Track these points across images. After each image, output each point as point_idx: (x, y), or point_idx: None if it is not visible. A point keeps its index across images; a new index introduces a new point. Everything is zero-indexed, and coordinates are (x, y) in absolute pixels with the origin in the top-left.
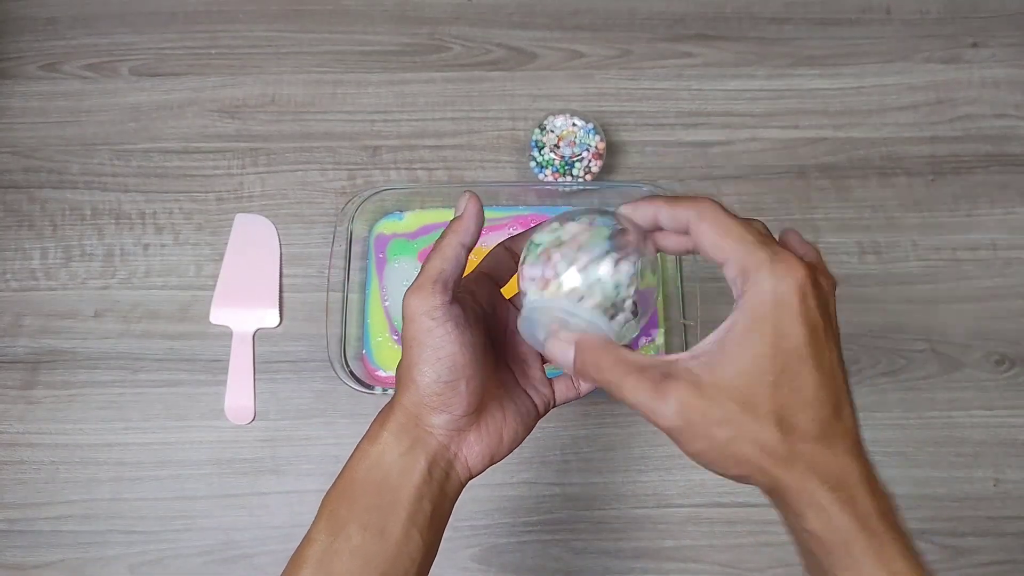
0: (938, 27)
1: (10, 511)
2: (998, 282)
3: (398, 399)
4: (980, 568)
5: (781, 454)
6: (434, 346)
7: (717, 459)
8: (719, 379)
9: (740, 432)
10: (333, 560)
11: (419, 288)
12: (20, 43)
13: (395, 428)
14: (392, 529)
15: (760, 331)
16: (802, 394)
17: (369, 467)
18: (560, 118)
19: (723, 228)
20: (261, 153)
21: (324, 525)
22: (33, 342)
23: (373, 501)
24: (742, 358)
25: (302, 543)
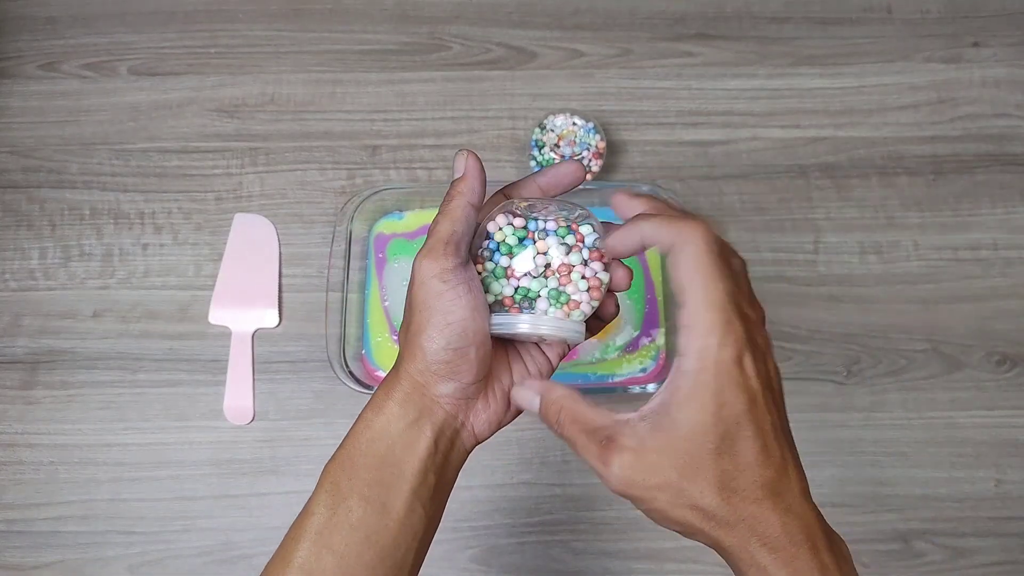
0: (939, 27)
1: (9, 511)
2: (999, 282)
3: (403, 367)
4: (981, 569)
5: (721, 517)
6: (444, 311)
7: (661, 520)
8: (662, 444)
9: (680, 498)
10: (333, 534)
11: (430, 251)
12: (19, 42)
13: (400, 398)
14: (395, 503)
15: (702, 398)
16: (743, 458)
17: (372, 438)
18: (560, 117)
19: (696, 269)
20: (260, 153)
21: (324, 497)
22: (32, 342)
23: (376, 475)
24: (685, 424)
25: (301, 515)
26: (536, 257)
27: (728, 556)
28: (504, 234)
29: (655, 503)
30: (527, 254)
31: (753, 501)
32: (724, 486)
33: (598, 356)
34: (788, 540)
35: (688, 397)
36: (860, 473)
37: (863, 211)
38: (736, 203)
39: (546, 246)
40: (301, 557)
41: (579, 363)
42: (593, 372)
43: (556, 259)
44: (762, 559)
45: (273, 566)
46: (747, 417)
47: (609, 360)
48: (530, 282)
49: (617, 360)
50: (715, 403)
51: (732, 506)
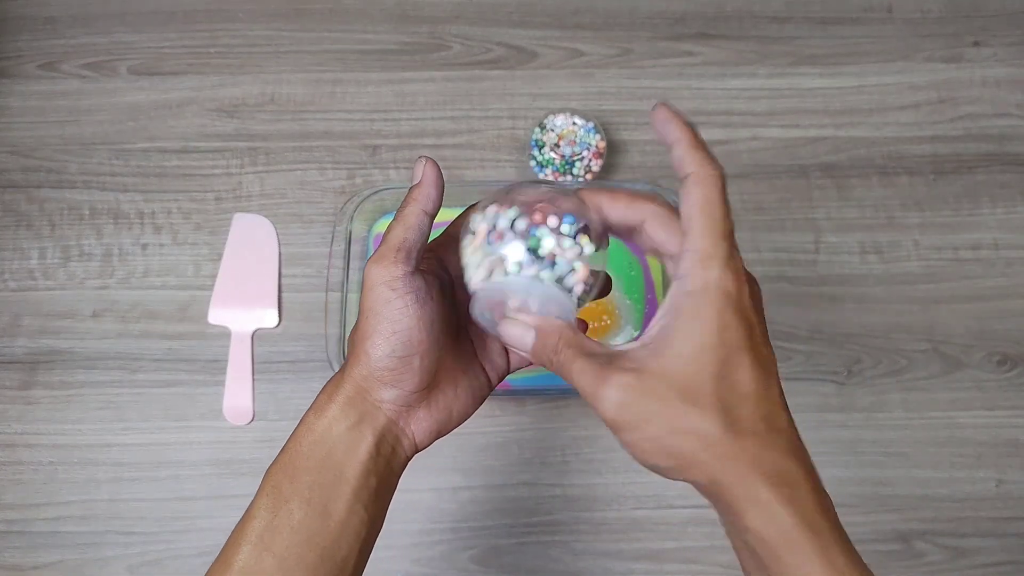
0: (939, 26)
1: (8, 512)
2: (1000, 282)
3: (348, 371)
4: (982, 569)
5: (722, 448)
6: (391, 319)
7: (652, 451)
8: (662, 367)
9: (679, 422)
10: (274, 537)
11: (380, 257)
12: (19, 42)
13: (343, 401)
14: (336, 505)
15: (704, 319)
16: (742, 388)
17: (314, 441)
18: (560, 117)
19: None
20: (260, 152)
21: (266, 501)
22: (31, 342)
23: (317, 477)
24: (686, 345)
25: (243, 519)
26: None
27: (723, 493)
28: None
29: (649, 429)
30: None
31: (753, 433)
32: (726, 414)
33: None
34: (789, 477)
35: (690, 317)
36: (860, 473)
37: (863, 211)
38: (736, 203)
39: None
40: (242, 560)
41: None
42: None
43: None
44: (763, 495)
45: (214, 570)
46: (746, 345)
47: None
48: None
49: None
50: (717, 325)
51: (734, 435)
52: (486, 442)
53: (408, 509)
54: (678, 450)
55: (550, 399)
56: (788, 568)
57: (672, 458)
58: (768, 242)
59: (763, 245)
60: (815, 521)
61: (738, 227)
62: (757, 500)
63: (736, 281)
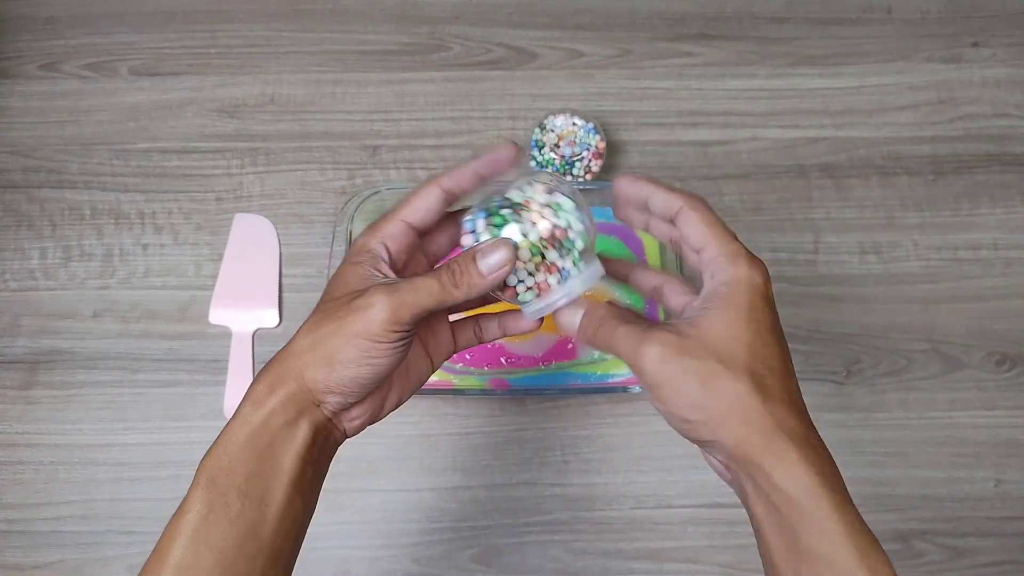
0: (939, 27)
1: (9, 511)
2: (999, 282)
3: (295, 367)
4: (981, 569)
5: (752, 408)
6: (372, 356)
7: (686, 405)
8: (700, 334)
9: (714, 382)
10: (211, 530)
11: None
12: (19, 43)
13: (284, 396)
14: (274, 495)
15: (737, 303)
16: (771, 362)
17: (252, 433)
18: (560, 117)
19: (710, 221)
20: (260, 153)
21: (201, 494)
22: (32, 342)
23: (254, 468)
24: (721, 321)
25: (177, 512)
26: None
27: (750, 452)
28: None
29: (685, 384)
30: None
31: (780, 400)
32: (756, 380)
33: (598, 356)
34: (810, 440)
35: (724, 302)
36: (859, 473)
37: (863, 211)
38: (736, 203)
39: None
40: (177, 555)
41: (579, 363)
42: (593, 372)
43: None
44: (789, 454)
45: (150, 566)
46: (772, 327)
47: (609, 360)
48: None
49: (617, 360)
50: (748, 311)
51: (762, 398)
52: (486, 442)
53: (408, 509)
54: (710, 406)
55: (550, 399)
56: (811, 522)
57: (703, 412)
58: (767, 242)
59: (762, 245)
60: (833, 481)
61: (738, 227)
62: (783, 457)
63: (763, 274)
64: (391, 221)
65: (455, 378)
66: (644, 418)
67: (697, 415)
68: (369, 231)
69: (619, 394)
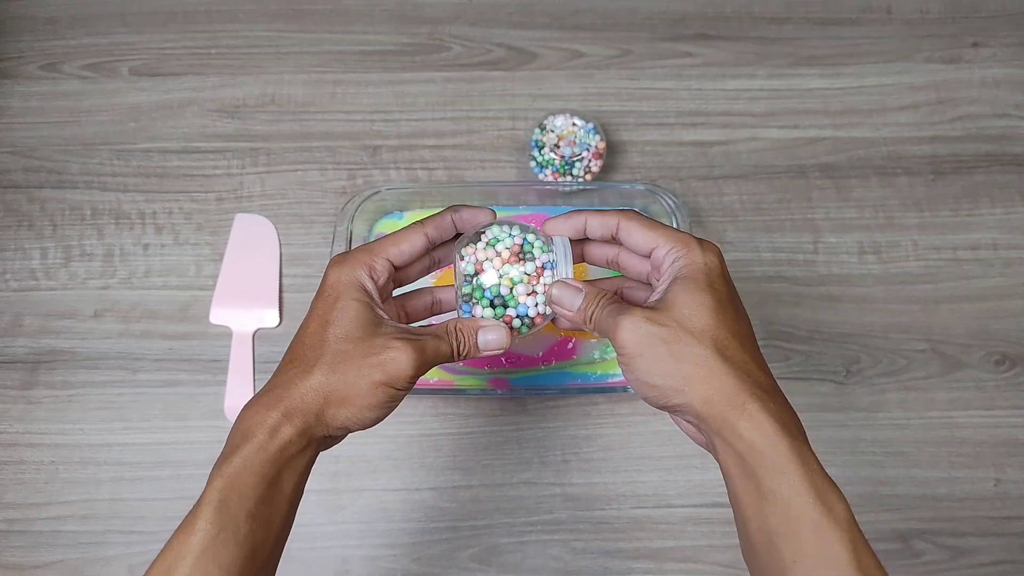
0: (939, 27)
1: (9, 511)
2: (999, 282)
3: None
4: (981, 568)
5: (717, 370)
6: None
7: (656, 372)
8: (666, 307)
9: (682, 349)
10: (220, 551)
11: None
12: (20, 43)
13: (300, 428)
14: (278, 516)
15: (696, 280)
16: (732, 328)
17: (266, 461)
18: (560, 118)
19: (650, 224)
20: (261, 153)
21: (213, 515)
22: (33, 342)
23: (264, 494)
24: (685, 295)
25: (184, 529)
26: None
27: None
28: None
29: (656, 351)
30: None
31: (740, 361)
32: (718, 346)
33: (598, 356)
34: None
35: (685, 281)
36: (860, 473)
37: (862, 211)
38: (736, 203)
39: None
40: (185, 572)
41: (579, 362)
42: (592, 372)
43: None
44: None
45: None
46: (732, 301)
47: (609, 360)
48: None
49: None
50: (707, 285)
51: (724, 361)
52: (486, 441)
53: (408, 508)
54: (678, 371)
55: (550, 399)
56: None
57: (672, 378)
58: (767, 242)
59: (762, 245)
60: (792, 429)
61: (738, 227)
62: (744, 410)
63: (716, 254)
64: (379, 258)
65: (455, 378)
66: (644, 418)
67: (665, 380)
68: (356, 264)
69: (619, 394)
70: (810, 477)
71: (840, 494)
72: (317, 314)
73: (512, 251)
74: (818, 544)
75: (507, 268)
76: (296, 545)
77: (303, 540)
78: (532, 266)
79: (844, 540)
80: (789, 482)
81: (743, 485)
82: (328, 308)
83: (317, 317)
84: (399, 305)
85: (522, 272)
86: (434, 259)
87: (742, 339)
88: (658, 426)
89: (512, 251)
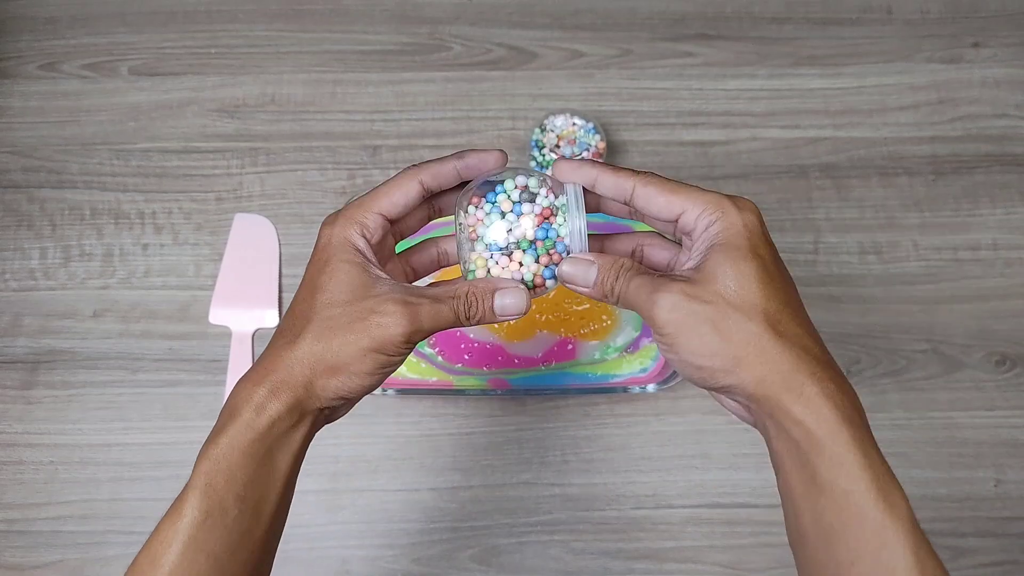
0: (939, 27)
1: (9, 511)
2: (999, 282)
3: (303, 375)
4: (981, 569)
5: (769, 348)
6: (385, 368)
7: (701, 351)
8: (708, 279)
9: (728, 325)
10: (208, 536)
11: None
12: (19, 43)
13: (289, 402)
14: (270, 498)
15: (739, 246)
16: (781, 298)
17: (253, 440)
18: (560, 118)
19: (672, 187)
20: (261, 153)
21: (198, 499)
22: (32, 342)
23: (253, 474)
24: (727, 265)
25: (170, 515)
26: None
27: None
28: None
29: (700, 328)
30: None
31: (795, 337)
32: (769, 320)
33: (598, 356)
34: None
35: (725, 248)
36: None
37: (863, 211)
38: None
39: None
40: (172, 560)
41: (579, 363)
42: (593, 372)
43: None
44: (808, 389)
45: (141, 570)
46: (776, 266)
47: (609, 360)
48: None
49: (617, 360)
50: (750, 252)
51: (778, 337)
52: (486, 442)
53: (408, 509)
54: (726, 349)
55: (550, 399)
56: (829, 456)
57: (721, 359)
58: None
59: None
60: (853, 416)
61: None
62: (802, 393)
63: (755, 213)
64: (369, 213)
65: (455, 378)
66: (644, 418)
67: (713, 361)
68: (347, 221)
69: (619, 394)
70: (872, 470)
71: (902, 491)
72: (307, 280)
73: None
74: (878, 545)
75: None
76: (296, 545)
77: (303, 540)
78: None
79: (907, 543)
80: (848, 474)
81: (797, 475)
82: (317, 272)
83: (307, 283)
84: (404, 261)
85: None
86: (434, 207)
87: (793, 309)
88: (658, 426)
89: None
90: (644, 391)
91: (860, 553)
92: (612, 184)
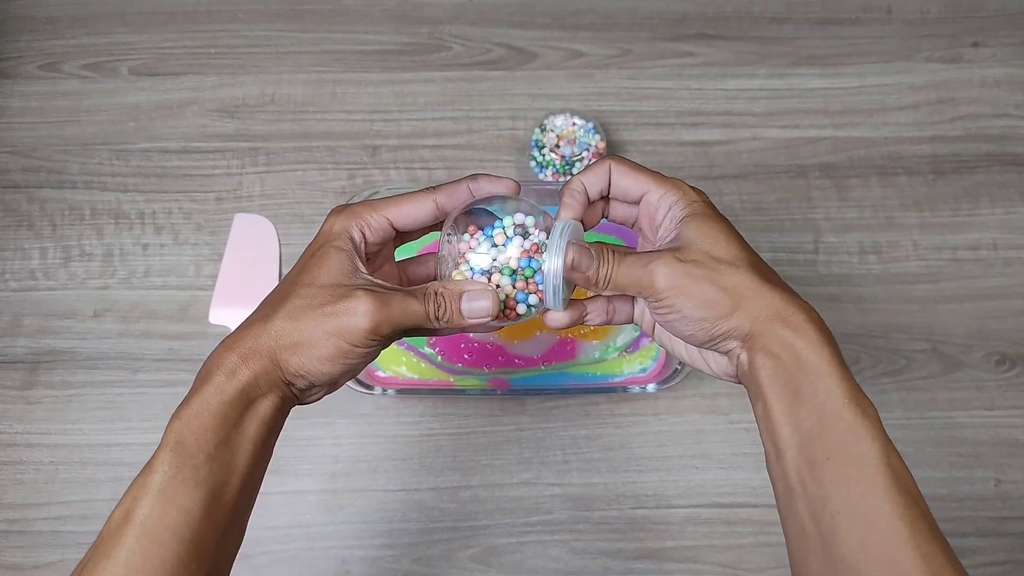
0: (939, 27)
1: (9, 511)
2: (999, 282)
3: (272, 348)
4: (981, 568)
5: (762, 290)
6: (347, 358)
7: (698, 305)
8: (690, 246)
9: (720, 279)
10: (178, 490)
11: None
12: (20, 43)
13: (257, 370)
14: (240, 460)
15: (705, 216)
16: (750, 249)
17: (224, 402)
18: (560, 117)
19: (637, 167)
20: (260, 153)
21: (169, 456)
22: (32, 342)
23: (223, 436)
24: (703, 232)
25: (143, 472)
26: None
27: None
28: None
29: (695, 287)
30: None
31: (778, 282)
32: (756, 270)
33: (598, 356)
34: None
35: (693, 219)
36: None
37: (863, 211)
38: (736, 203)
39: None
40: (143, 513)
41: (579, 363)
42: (593, 372)
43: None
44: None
45: (113, 523)
46: (733, 233)
47: (609, 360)
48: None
49: (617, 360)
50: (716, 220)
51: (764, 279)
52: (486, 441)
53: (408, 508)
54: (725, 297)
55: (550, 399)
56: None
57: (720, 306)
58: (767, 242)
59: (762, 245)
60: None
61: (738, 227)
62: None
63: (703, 194)
64: (376, 214)
65: (455, 378)
66: (644, 418)
67: (714, 310)
68: (351, 215)
69: (619, 394)
70: (847, 382)
71: (871, 402)
72: (300, 260)
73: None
74: (851, 440)
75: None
76: (296, 545)
77: (303, 540)
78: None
79: (875, 439)
80: (827, 386)
81: (781, 393)
82: (309, 255)
83: (299, 263)
84: (401, 270)
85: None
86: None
87: (763, 265)
88: (658, 426)
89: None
90: (644, 391)
91: (835, 449)
92: (594, 180)
